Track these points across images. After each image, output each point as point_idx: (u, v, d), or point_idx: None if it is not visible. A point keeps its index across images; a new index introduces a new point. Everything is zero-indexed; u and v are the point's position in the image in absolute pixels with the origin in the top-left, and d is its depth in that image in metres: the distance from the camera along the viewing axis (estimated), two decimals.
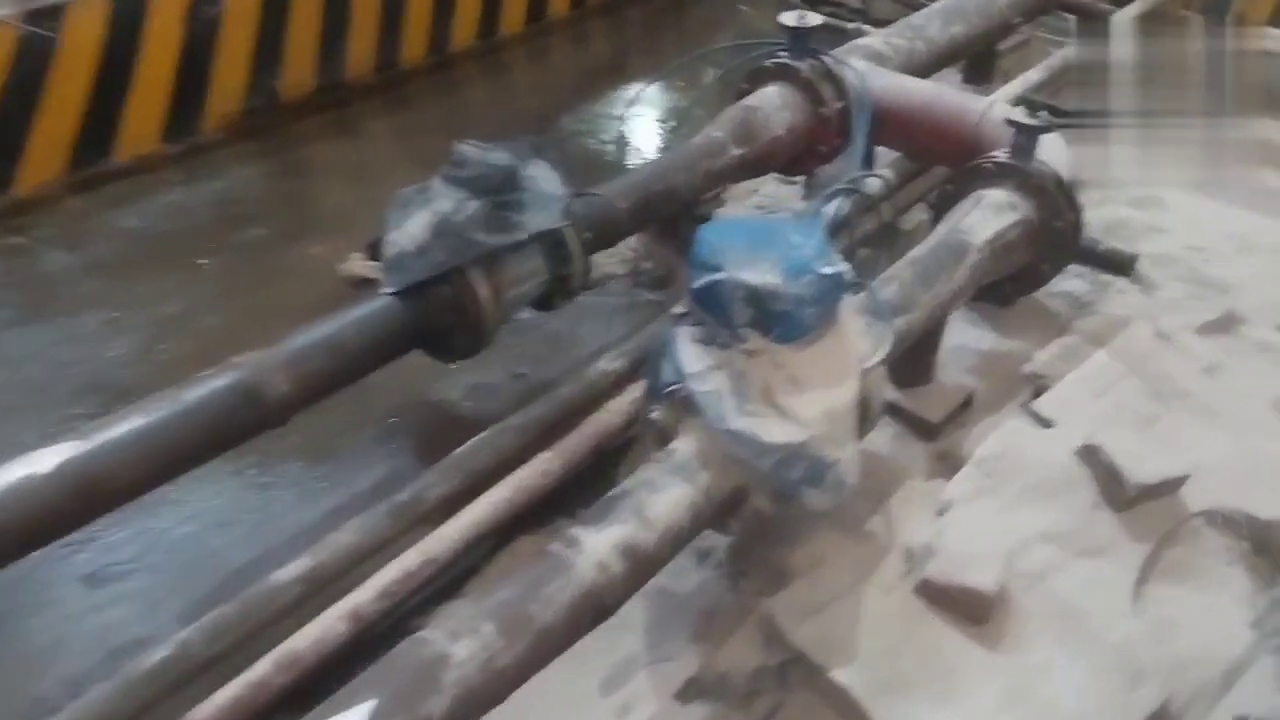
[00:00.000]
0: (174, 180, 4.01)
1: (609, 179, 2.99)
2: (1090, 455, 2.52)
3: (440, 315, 2.57)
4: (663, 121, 4.78)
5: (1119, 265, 3.65)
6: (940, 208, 3.11)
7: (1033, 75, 4.34)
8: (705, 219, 3.48)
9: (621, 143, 4.37)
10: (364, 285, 2.85)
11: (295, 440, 2.73)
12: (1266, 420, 2.84)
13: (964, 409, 2.97)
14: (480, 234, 2.54)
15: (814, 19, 3.49)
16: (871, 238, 3.44)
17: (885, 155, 3.68)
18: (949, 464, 2.80)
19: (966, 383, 3.05)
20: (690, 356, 2.03)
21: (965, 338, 3.21)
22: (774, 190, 4.09)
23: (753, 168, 3.46)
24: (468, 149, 2.63)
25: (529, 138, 2.84)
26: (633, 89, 5.18)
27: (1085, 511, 2.47)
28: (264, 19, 4.39)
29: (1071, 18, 5.47)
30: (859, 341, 2.18)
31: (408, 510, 2.27)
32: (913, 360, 2.82)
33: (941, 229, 2.89)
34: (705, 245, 2.05)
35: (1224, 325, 3.17)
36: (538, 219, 2.65)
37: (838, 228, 3.23)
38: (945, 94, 3.52)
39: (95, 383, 3.01)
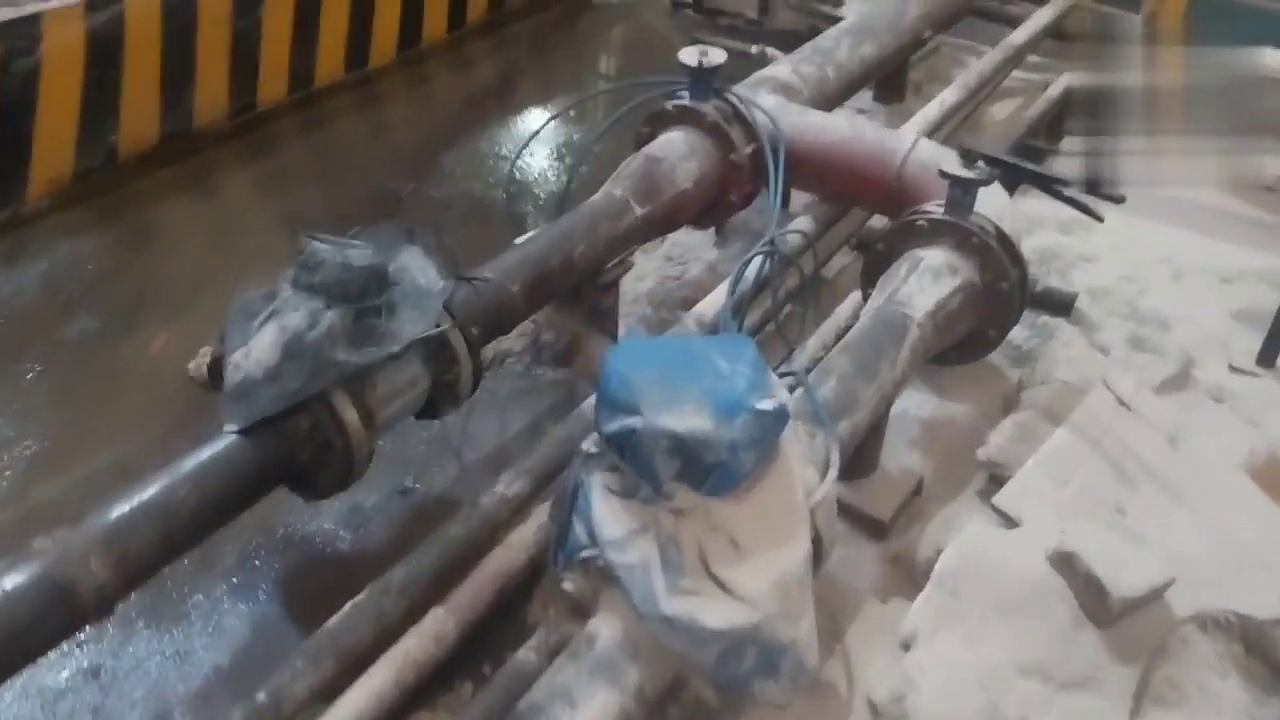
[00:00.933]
0: None
1: (497, 234, 2.58)
2: (1065, 564, 2.24)
3: (298, 450, 2.15)
4: (557, 159, 4.38)
5: (1059, 306, 3.42)
6: (871, 270, 2.81)
7: (949, 96, 4.07)
8: (611, 285, 3.13)
9: (512, 188, 3.96)
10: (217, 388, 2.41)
11: (135, 601, 2.31)
12: (1237, 491, 2.61)
13: (914, 497, 2.67)
14: (341, 352, 2.13)
15: (717, 56, 3.14)
16: (794, 293, 3.13)
17: (800, 196, 3.38)
18: (903, 569, 2.50)
19: (912, 466, 2.75)
20: (607, 517, 1.67)
21: (903, 403, 2.92)
22: (684, 239, 3.76)
23: (660, 226, 3.12)
24: (320, 246, 2.22)
25: (396, 224, 2.41)
26: (522, 118, 4.78)
27: (1065, 631, 2.18)
28: (93, 66, 3.86)
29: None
30: (803, 473, 1.83)
31: (268, 714, 1.85)
32: (855, 453, 2.50)
33: (876, 299, 2.58)
34: (615, 379, 1.69)
35: (1180, 381, 2.93)
36: (412, 324, 2.26)
37: (758, 290, 2.92)
38: (864, 133, 3.22)
39: None
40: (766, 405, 1.65)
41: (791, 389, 2.09)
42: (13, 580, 1.77)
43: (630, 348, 1.81)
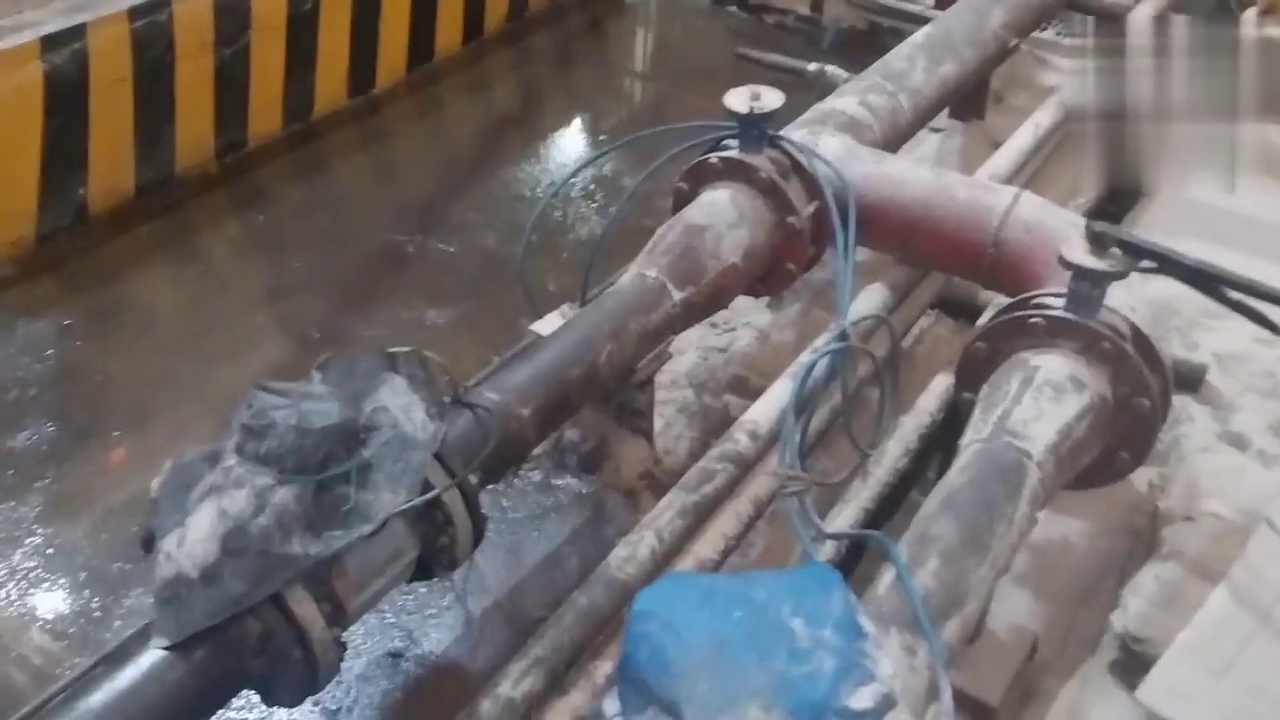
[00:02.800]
0: None
1: (512, 301, 2.01)
2: None
3: (247, 663, 1.72)
4: (585, 198, 3.91)
5: (1184, 381, 2.91)
6: (969, 374, 2.32)
7: (1043, 118, 3.55)
8: (645, 384, 2.66)
9: (531, 241, 3.50)
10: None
11: None
12: None
13: (1026, 665, 2.19)
14: (297, 543, 1.70)
15: (771, 99, 2.65)
16: (868, 380, 2.65)
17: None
18: None
19: (1021, 620, 2.27)
20: None
21: None
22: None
23: (702, 310, 2.65)
24: (269, 401, 1.77)
25: (373, 350, 1.96)
26: (544, 151, 4.31)
27: None
28: (54, 112, 3.46)
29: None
30: None
31: None
32: None
33: (980, 426, 2.09)
34: (647, 648, 1.24)
35: None
36: (391, 490, 1.82)
37: (826, 383, 2.45)
38: (952, 187, 2.72)
39: None
40: (864, 701, 1.18)
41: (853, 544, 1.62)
42: None
43: (669, 592, 1.34)
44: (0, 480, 2.70)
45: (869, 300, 2.77)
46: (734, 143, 2.76)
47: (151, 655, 1.67)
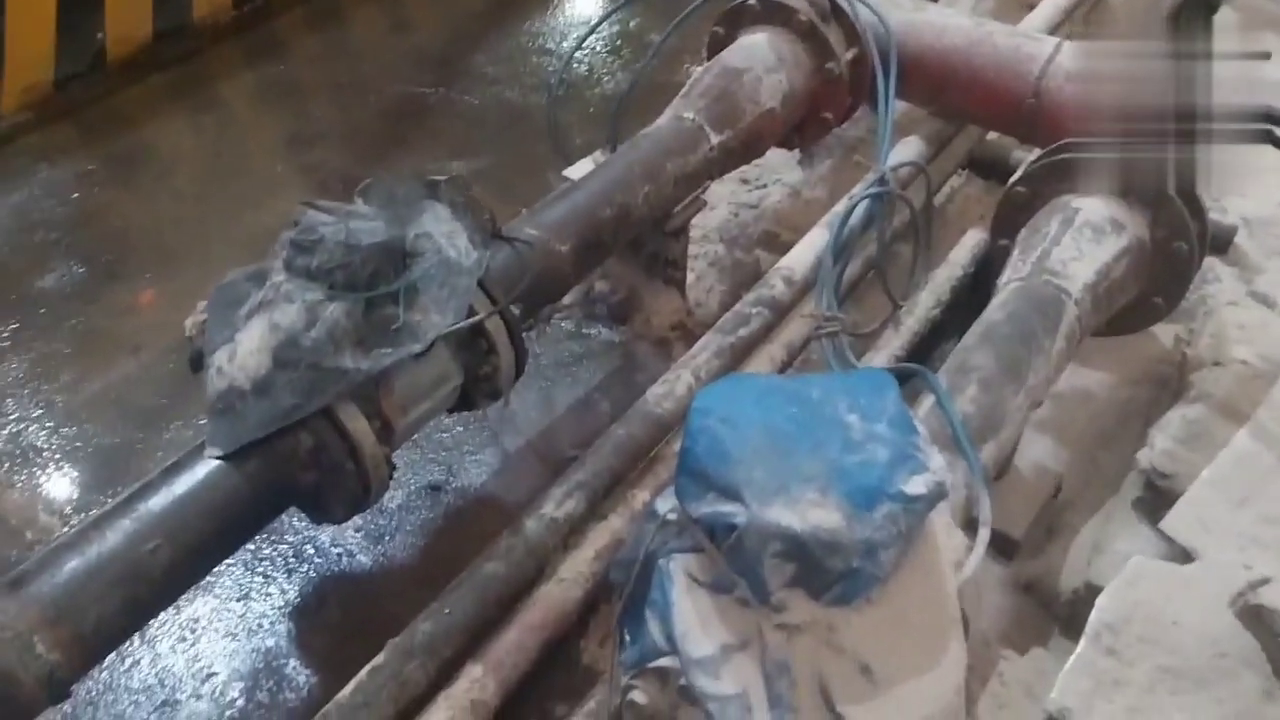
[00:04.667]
0: None
1: (539, 154, 2.03)
2: (1254, 618, 1.83)
3: (300, 475, 1.79)
4: (611, 53, 3.87)
5: (1214, 242, 2.93)
6: (1007, 220, 2.35)
7: None
8: (680, 231, 2.68)
9: (556, 93, 3.48)
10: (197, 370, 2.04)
11: None
12: None
13: (1050, 502, 2.27)
14: (348, 357, 1.75)
15: None
16: (901, 232, 2.68)
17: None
18: (1040, 602, 2.12)
19: (1046, 460, 2.33)
20: (693, 622, 1.29)
21: None
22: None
23: (739, 155, 2.67)
24: (318, 218, 1.80)
25: (414, 175, 1.99)
26: (566, 3, 4.25)
27: (1255, 705, 1.79)
28: None
29: None
30: (950, 544, 1.43)
31: None
32: None
33: (1019, 266, 2.13)
34: (706, 440, 1.29)
35: None
36: (439, 312, 1.87)
37: (862, 230, 2.48)
38: (992, 35, 2.71)
39: None
40: (918, 487, 1.24)
41: (903, 378, 1.68)
42: None
43: (726, 391, 1.39)
44: (32, 318, 2.73)
45: (905, 151, 2.77)
46: None
47: (207, 465, 1.74)
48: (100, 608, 1.56)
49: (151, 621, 1.80)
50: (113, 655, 1.88)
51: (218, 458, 1.73)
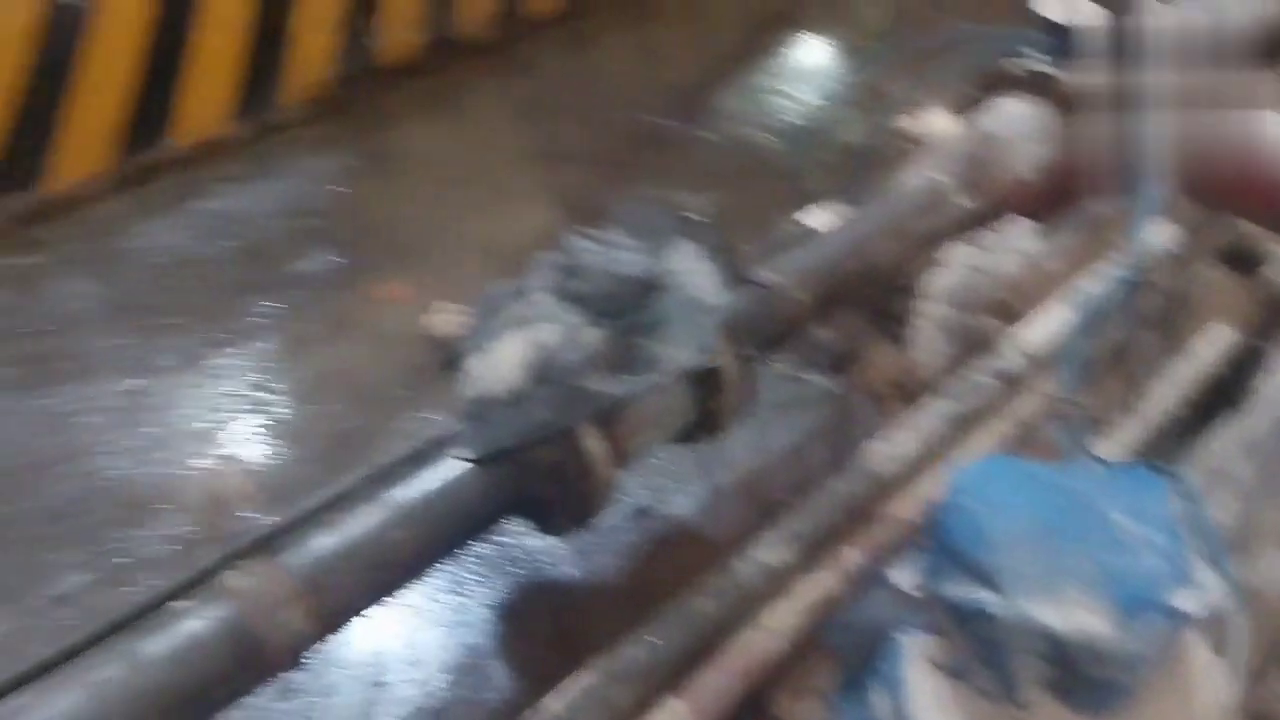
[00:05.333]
0: (234, 176, 3.36)
1: (774, 196, 2.03)
2: None
3: (535, 486, 1.84)
4: (853, 105, 3.86)
5: None
6: (1265, 322, 2.21)
7: None
8: (910, 288, 2.65)
9: (798, 135, 3.49)
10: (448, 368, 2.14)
11: None
12: None
13: None
14: (599, 381, 1.79)
15: (1090, 11, 2.53)
16: (1146, 319, 2.57)
17: None
18: None
19: None
20: (927, 704, 1.27)
21: None
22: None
23: (984, 221, 2.60)
24: (586, 247, 1.87)
25: (671, 212, 2.02)
26: (808, 48, 4.27)
27: None
28: None
29: None
30: (1207, 660, 1.35)
31: None
32: None
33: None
34: (964, 521, 1.26)
35: None
36: (681, 348, 1.89)
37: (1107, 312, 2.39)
38: (1266, 127, 2.54)
39: (100, 492, 2.40)
40: (1186, 603, 1.18)
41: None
42: (199, 625, 1.55)
43: (987, 471, 1.37)
44: (289, 298, 2.93)
45: (1159, 235, 2.65)
46: (1037, 53, 2.67)
47: (452, 465, 1.82)
48: (345, 586, 1.66)
49: None
50: None
51: (465, 459, 1.80)
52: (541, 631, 2.19)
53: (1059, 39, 2.59)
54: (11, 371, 2.65)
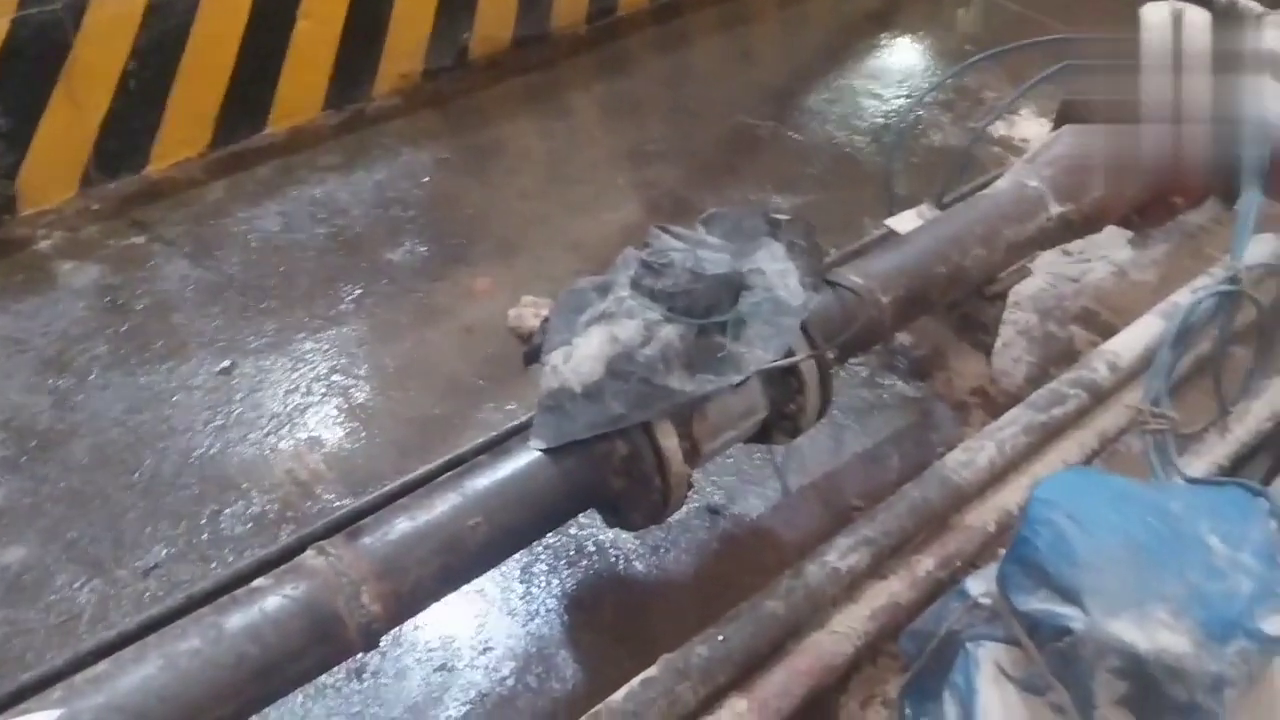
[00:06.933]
0: (329, 164, 3.41)
1: (862, 198, 2.02)
2: None
3: (610, 479, 1.84)
4: (946, 109, 3.79)
5: None
6: None
7: None
8: (997, 297, 2.59)
9: (887, 139, 3.44)
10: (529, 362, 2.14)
11: None
12: None
13: None
14: (676, 378, 1.79)
15: (1195, 17, 2.45)
16: (1242, 334, 2.48)
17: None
18: None
19: None
20: (999, 717, 1.22)
21: None
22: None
23: (1078, 229, 2.54)
24: (670, 244, 1.86)
25: (758, 210, 2.01)
26: (902, 50, 4.20)
27: None
28: None
29: None
30: None
31: None
32: None
33: None
34: (1047, 534, 1.23)
35: None
36: (762, 347, 1.88)
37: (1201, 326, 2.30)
38: None
39: (189, 469, 2.46)
40: (1277, 629, 1.13)
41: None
42: (277, 602, 1.58)
43: (1075, 484, 1.33)
44: (378, 287, 2.96)
45: (1260, 249, 2.55)
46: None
47: (529, 454, 1.82)
48: (421, 570, 1.67)
49: None
50: None
51: (541, 450, 1.81)
52: (610, 625, 2.18)
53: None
54: (111, 349, 2.73)
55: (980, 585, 1.37)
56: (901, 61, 4.15)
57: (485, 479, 1.78)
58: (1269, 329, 2.43)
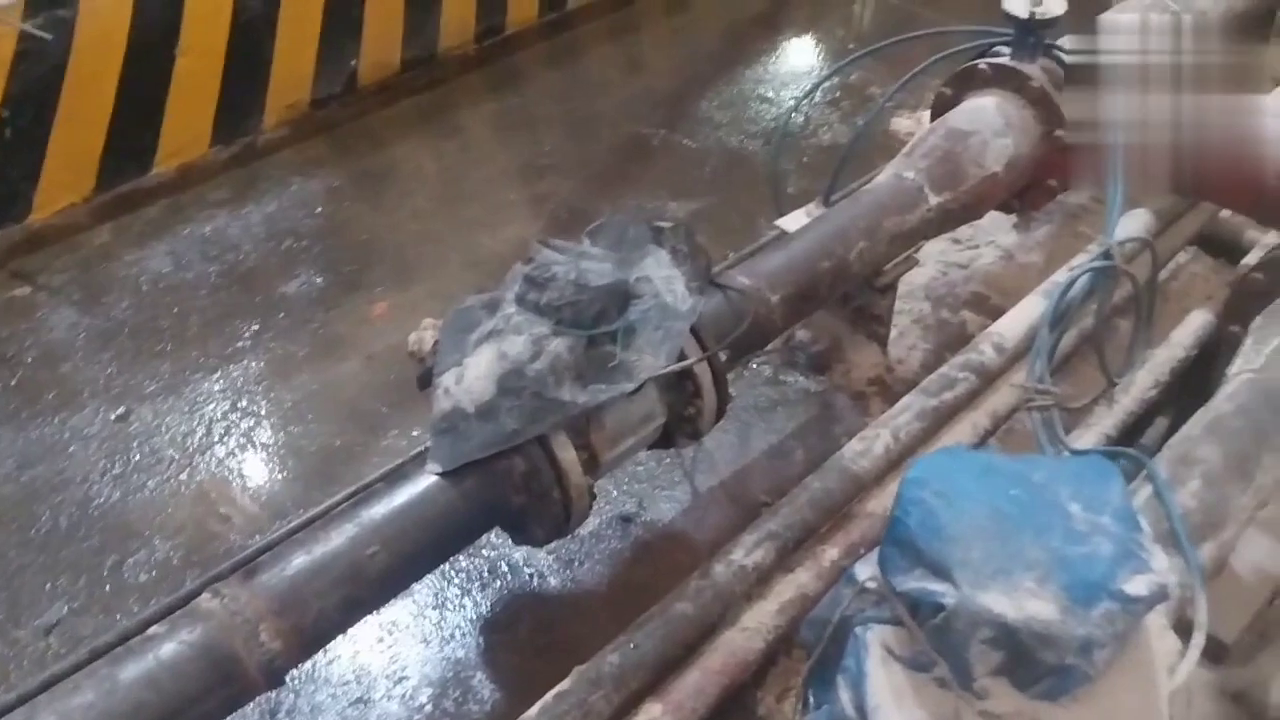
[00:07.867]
0: (219, 200, 3.37)
1: (754, 198, 2.06)
2: None
3: (510, 497, 1.85)
4: (832, 106, 3.87)
5: None
6: (1240, 307, 2.21)
7: None
8: (888, 287, 2.65)
9: (778, 141, 3.49)
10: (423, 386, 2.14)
11: None
12: None
13: (1267, 608, 2.11)
14: (567, 390, 1.80)
15: (1054, 6, 2.54)
16: (1121, 307, 2.57)
17: None
18: (1248, 711, 1.96)
19: (1264, 562, 2.17)
20: (888, 700, 1.26)
21: None
22: None
23: (957, 217, 2.60)
24: (552, 257, 1.87)
25: (642, 219, 2.03)
26: (793, 53, 4.28)
27: None
28: None
29: None
30: (1164, 646, 1.35)
31: None
32: None
33: (1252, 358, 2.00)
34: (918, 513, 1.27)
35: None
36: (652, 354, 1.90)
37: (1081, 302, 2.38)
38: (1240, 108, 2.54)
39: (88, 520, 2.41)
40: (1139, 588, 1.18)
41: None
42: (172, 648, 1.56)
43: (943, 463, 1.37)
44: (274, 321, 2.93)
45: (1133, 224, 2.66)
46: (1005, 50, 2.68)
47: (426, 479, 1.82)
48: (321, 603, 1.65)
49: None
50: None
51: (437, 473, 1.81)
52: (527, 642, 2.18)
53: (1023, 34, 2.60)
54: (1, 403, 2.67)
55: (866, 570, 1.41)
56: (789, 63, 4.23)
57: (382, 506, 1.78)
58: (1146, 302, 2.52)
